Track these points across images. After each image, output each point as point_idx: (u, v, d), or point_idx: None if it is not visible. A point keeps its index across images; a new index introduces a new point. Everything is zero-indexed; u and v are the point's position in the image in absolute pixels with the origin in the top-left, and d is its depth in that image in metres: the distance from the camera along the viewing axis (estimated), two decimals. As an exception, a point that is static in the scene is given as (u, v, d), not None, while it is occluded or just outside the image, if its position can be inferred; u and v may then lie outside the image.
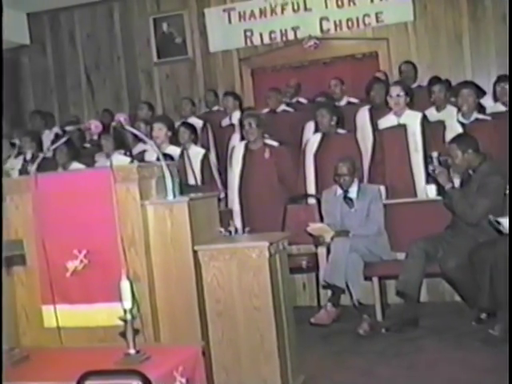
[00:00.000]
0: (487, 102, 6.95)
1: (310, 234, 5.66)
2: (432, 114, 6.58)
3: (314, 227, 5.61)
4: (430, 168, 5.20)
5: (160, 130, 6.18)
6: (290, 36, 9.47)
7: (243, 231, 4.45)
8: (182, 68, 10.04)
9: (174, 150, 6.13)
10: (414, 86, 7.74)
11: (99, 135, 6.73)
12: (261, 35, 9.57)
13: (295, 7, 9.38)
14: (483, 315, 4.99)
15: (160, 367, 2.73)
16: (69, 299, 3.55)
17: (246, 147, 6.42)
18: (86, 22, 10.38)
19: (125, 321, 2.78)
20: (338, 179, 5.63)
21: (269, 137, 6.56)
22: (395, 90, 6.15)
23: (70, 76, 10.50)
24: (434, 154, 5.23)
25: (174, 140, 6.33)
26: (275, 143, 6.45)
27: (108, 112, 9.06)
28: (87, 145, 8.26)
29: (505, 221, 4.52)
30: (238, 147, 6.55)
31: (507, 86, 6.62)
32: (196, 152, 6.49)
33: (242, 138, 6.66)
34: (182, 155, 6.23)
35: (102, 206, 3.45)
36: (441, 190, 5.30)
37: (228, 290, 3.64)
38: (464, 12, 8.85)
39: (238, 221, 6.08)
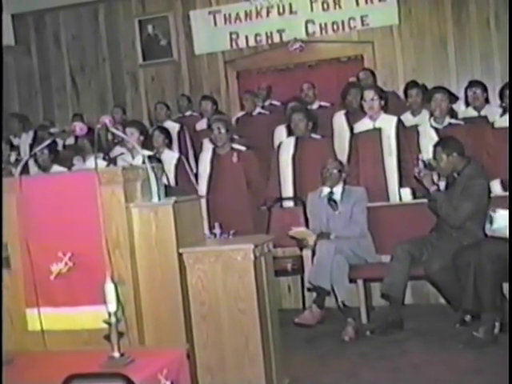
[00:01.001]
0: (458, 106, 7.00)
1: (294, 238, 5.67)
2: (408, 118, 6.63)
3: (296, 231, 5.63)
4: (416, 170, 5.22)
5: (132, 134, 6.13)
6: (276, 39, 9.48)
7: (222, 234, 4.43)
8: (168, 70, 10.03)
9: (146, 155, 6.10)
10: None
11: (76, 138, 6.72)
12: (246, 38, 9.58)
13: (281, 10, 9.38)
14: (467, 317, 5.02)
15: (144, 370, 2.72)
16: (53, 302, 3.53)
17: (214, 152, 6.44)
18: (70, 24, 10.34)
19: (109, 324, 2.77)
20: (325, 173, 5.66)
21: (237, 140, 6.58)
22: (369, 94, 6.17)
23: (55, 77, 10.46)
24: (420, 157, 5.26)
25: (147, 145, 6.28)
26: (243, 147, 6.49)
27: (78, 116, 9.00)
28: (59, 148, 8.22)
29: (499, 215, 4.56)
30: (205, 151, 6.59)
31: (479, 92, 6.69)
32: (170, 156, 6.47)
33: (213, 143, 6.66)
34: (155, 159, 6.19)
35: (87, 208, 3.44)
36: (425, 193, 5.32)
37: (213, 292, 3.64)
38: (448, 16, 8.90)
39: (205, 224, 6.06)
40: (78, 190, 3.51)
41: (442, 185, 5.29)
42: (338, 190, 5.68)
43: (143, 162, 3.76)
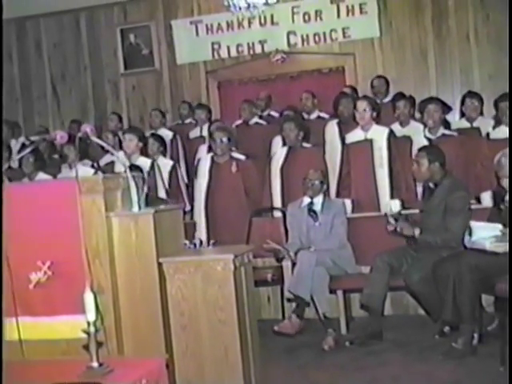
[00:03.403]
0: (452, 117, 7.04)
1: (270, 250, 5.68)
2: (396, 129, 6.66)
3: (270, 246, 5.62)
4: (390, 228, 5.17)
5: (131, 140, 6.15)
6: (257, 49, 9.52)
7: (208, 244, 4.44)
8: (149, 79, 10.03)
9: (145, 162, 6.10)
10: (386, 100, 7.82)
11: (62, 146, 6.69)
12: (228, 48, 9.61)
13: (262, 21, 9.41)
14: (446, 328, 5.04)
15: (123, 380, 2.70)
16: (32, 311, 3.50)
17: (213, 160, 6.42)
18: (52, 31, 10.32)
19: (88, 333, 2.75)
20: (307, 183, 5.67)
21: (236, 150, 6.57)
22: (361, 105, 6.19)
23: (36, 85, 10.42)
24: (389, 213, 5.20)
25: (145, 151, 6.30)
26: (242, 157, 6.46)
27: (76, 123, 8.97)
28: (56, 156, 8.19)
29: (478, 226, 4.60)
30: (204, 160, 6.54)
31: (477, 103, 6.73)
32: (164, 164, 6.48)
33: (209, 150, 6.65)
34: (152, 167, 6.19)
35: (67, 217, 3.42)
36: (411, 241, 5.27)
37: (192, 302, 3.63)
38: (429, 30, 9.01)
39: (203, 234, 6.08)
40: (58, 199, 3.49)
41: (420, 191, 5.32)
42: (318, 200, 5.69)
43: (127, 170, 3.74)
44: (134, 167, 5.14)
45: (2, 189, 3.47)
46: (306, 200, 5.72)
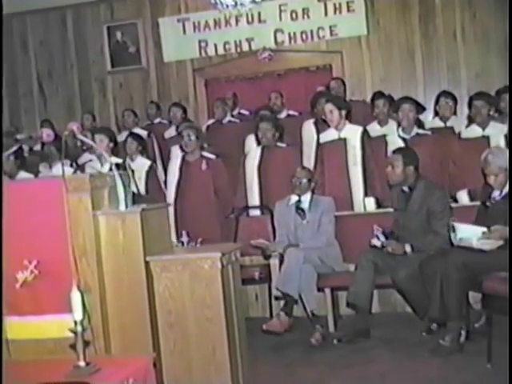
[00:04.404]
0: (425, 117, 7.07)
1: (257, 247, 5.67)
2: (375, 128, 6.68)
3: (258, 242, 5.63)
4: (377, 243, 5.15)
5: (101, 141, 6.10)
6: (245, 47, 9.51)
7: (189, 242, 4.42)
8: (136, 77, 10.00)
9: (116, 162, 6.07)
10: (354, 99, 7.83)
11: (43, 145, 6.66)
12: (215, 46, 9.60)
13: (250, 19, 9.40)
14: (433, 326, 5.06)
15: (110, 379, 2.70)
16: (18, 311, 3.49)
17: (183, 159, 6.42)
18: (38, 29, 10.27)
19: (75, 332, 2.75)
20: (295, 181, 5.67)
21: (207, 148, 6.57)
22: (328, 107, 6.24)
23: (22, 83, 10.37)
24: (376, 230, 5.19)
25: (116, 152, 6.25)
26: (212, 156, 6.48)
27: (48, 122, 8.92)
28: (26, 154, 8.14)
29: (462, 227, 4.62)
30: (175, 158, 6.56)
31: (451, 102, 6.76)
32: (142, 163, 6.46)
33: (182, 150, 6.65)
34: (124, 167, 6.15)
35: (54, 215, 3.40)
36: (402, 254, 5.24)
37: (180, 301, 3.62)
38: (416, 29, 9.03)
39: (172, 232, 6.05)
40: (45, 198, 3.47)
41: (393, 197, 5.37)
42: (306, 198, 5.70)
43: (110, 170, 3.74)
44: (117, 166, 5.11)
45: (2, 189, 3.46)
46: (294, 198, 5.73)
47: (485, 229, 4.54)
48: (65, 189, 3.34)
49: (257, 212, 6.35)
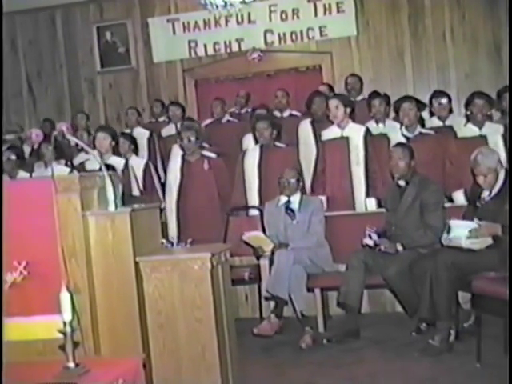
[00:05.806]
0: (426, 115, 7.08)
1: (249, 245, 5.66)
2: (372, 127, 6.67)
3: (250, 235, 5.62)
4: (369, 243, 5.17)
5: (104, 139, 6.13)
6: (234, 48, 9.52)
7: (179, 242, 4.41)
8: (126, 78, 9.99)
9: (118, 161, 6.08)
10: (359, 98, 7.84)
11: (39, 144, 6.64)
12: (205, 46, 9.60)
13: (239, 19, 9.42)
14: (423, 326, 5.07)
15: (100, 380, 2.69)
16: (7, 312, 3.47)
17: (183, 159, 6.40)
18: (27, 29, 10.24)
19: (64, 333, 2.73)
20: (283, 182, 5.66)
21: (208, 147, 6.55)
22: (333, 103, 6.21)
23: (11, 83, 10.30)
24: (368, 231, 5.19)
25: (117, 150, 6.28)
26: (213, 155, 6.46)
27: (49, 121, 8.92)
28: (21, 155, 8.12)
29: (456, 224, 4.63)
30: (175, 158, 6.53)
31: (444, 102, 6.76)
32: (137, 162, 6.46)
33: (183, 149, 6.64)
34: (126, 165, 6.16)
35: (43, 216, 3.39)
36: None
37: (169, 301, 3.61)
38: (405, 29, 9.07)
39: (174, 232, 6.05)
40: (34, 198, 3.45)
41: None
42: (295, 199, 5.69)
43: (100, 170, 3.73)
44: (107, 166, 5.11)
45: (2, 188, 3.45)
46: (284, 198, 5.72)
47: (475, 225, 4.56)
48: (54, 189, 3.33)
49: (255, 212, 6.30)
